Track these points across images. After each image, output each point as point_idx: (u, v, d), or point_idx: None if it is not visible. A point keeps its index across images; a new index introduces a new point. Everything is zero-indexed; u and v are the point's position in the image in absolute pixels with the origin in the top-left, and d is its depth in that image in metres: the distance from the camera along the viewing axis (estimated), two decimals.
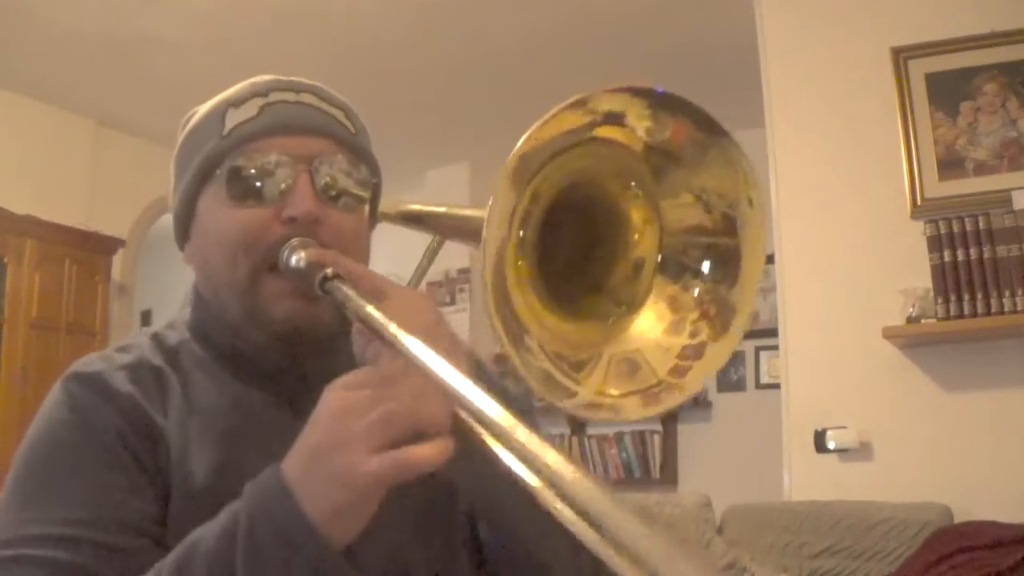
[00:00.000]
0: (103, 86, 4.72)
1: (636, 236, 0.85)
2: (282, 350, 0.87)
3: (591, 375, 0.78)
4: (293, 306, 0.83)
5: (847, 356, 2.89)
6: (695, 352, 0.80)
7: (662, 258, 0.84)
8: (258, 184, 0.84)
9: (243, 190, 0.85)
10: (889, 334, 2.71)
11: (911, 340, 2.73)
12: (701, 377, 0.79)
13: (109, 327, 4.97)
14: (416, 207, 1.08)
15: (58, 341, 4.60)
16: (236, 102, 0.88)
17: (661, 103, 0.77)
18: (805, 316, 2.99)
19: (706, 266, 0.83)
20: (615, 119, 0.76)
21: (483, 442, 0.59)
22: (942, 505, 2.50)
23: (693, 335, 0.81)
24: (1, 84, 4.65)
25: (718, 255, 0.82)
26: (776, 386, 3.27)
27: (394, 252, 2.00)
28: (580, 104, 0.72)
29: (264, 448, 0.79)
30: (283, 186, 0.84)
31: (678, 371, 0.79)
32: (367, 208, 0.92)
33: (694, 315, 0.82)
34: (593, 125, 0.75)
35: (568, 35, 4.18)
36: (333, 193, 0.86)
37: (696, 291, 0.83)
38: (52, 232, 4.70)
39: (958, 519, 2.47)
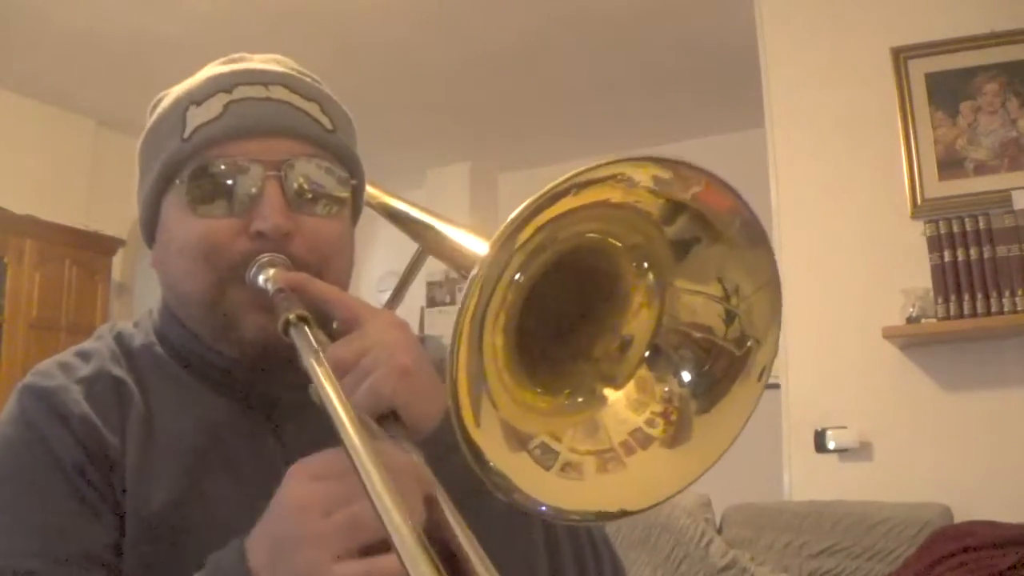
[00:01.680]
0: (103, 86, 4.72)
1: (629, 315, 0.72)
2: (254, 364, 0.81)
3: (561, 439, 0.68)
4: (261, 320, 0.76)
5: (847, 356, 2.89)
6: (643, 440, 0.69)
7: (655, 345, 0.71)
8: (223, 193, 0.77)
9: (206, 197, 0.78)
10: (889, 334, 2.71)
11: (911, 340, 2.73)
12: (637, 478, 0.68)
13: None
14: (401, 206, 0.96)
15: (58, 341, 4.59)
16: (198, 98, 0.80)
17: (667, 164, 0.61)
18: (805, 316, 2.99)
19: (687, 376, 0.70)
20: (619, 179, 0.62)
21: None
22: (942, 505, 2.50)
23: (649, 424, 0.70)
24: (1, 84, 4.65)
25: (709, 372, 0.69)
26: (776, 386, 3.27)
27: (400, 246, 1.99)
28: (612, 178, 0.59)
29: (229, 467, 0.76)
30: (251, 193, 0.77)
31: (626, 447, 0.69)
32: (349, 210, 0.85)
33: (657, 407, 0.70)
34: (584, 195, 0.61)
35: (568, 35, 4.18)
36: (310, 198, 0.79)
37: (666, 388, 0.70)
38: (52, 232, 4.70)
39: (958, 519, 2.47)
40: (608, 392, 0.72)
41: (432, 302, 6.05)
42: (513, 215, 0.57)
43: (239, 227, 0.77)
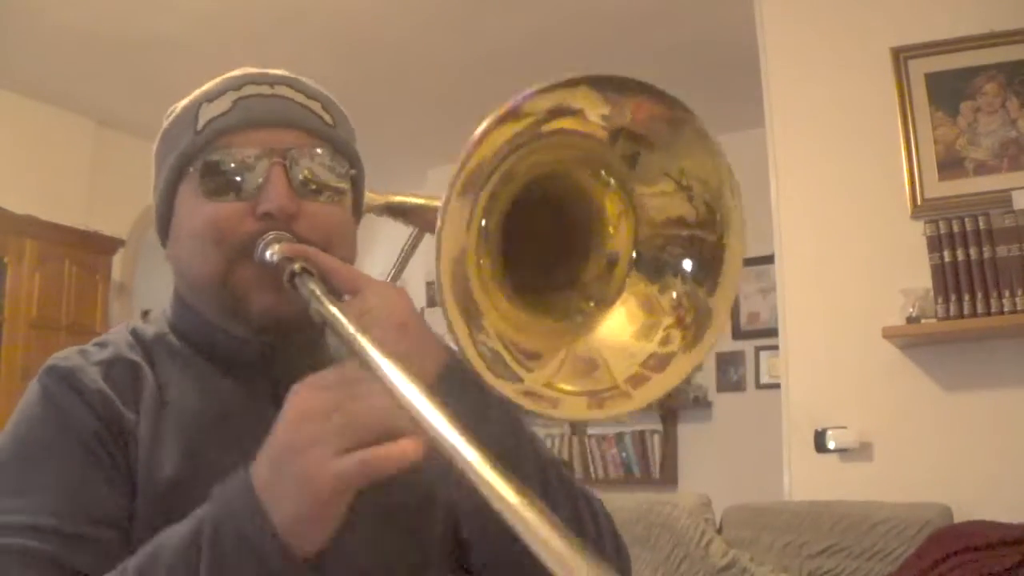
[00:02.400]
0: (103, 86, 4.72)
1: (611, 229, 0.78)
2: (261, 344, 0.87)
3: (544, 367, 0.74)
4: (269, 298, 0.82)
5: (847, 356, 2.89)
6: (659, 363, 0.74)
7: (639, 253, 0.77)
8: (232, 179, 0.83)
9: (217, 185, 0.84)
10: (889, 334, 2.71)
11: (911, 340, 2.73)
12: (657, 393, 0.73)
13: (109, 327, 4.96)
14: (398, 199, 1.05)
15: (58, 341, 4.59)
16: (210, 97, 0.87)
17: (608, 87, 0.70)
18: (805, 316, 2.99)
19: (688, 265, 0.75)
20: (564, 111, 0.70)
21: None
22: (942, 505, 2.50)
23: (664, 343, 0.75)
24: (1, 84, 4.65)
25: (701, 253, 0.75)
26: (776, 386, 3.27)
27: (401, 245, 1.99)
28: (511, 115, 0.66)
29: (236, 442, 0.79)
30: (258, 180, 0.83)
31: (635, 380, 0.73)
32: (349, 200, 0.91)
33: (669, 320, 0.75)
34: (539, 123, 0.69)
35: (568, 35, 4.18)
36: (313, 187, 0.85)
37: (674, 294, 0.76)
38: (52, 232, 4.70)
39: (958, 519, 2.47)
40: (606, 324, 0.77)
41: (432, 302, 6.05)
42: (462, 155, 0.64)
43: (247, 210, 0.83)
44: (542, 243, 0.80)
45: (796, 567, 2.55)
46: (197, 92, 0.89)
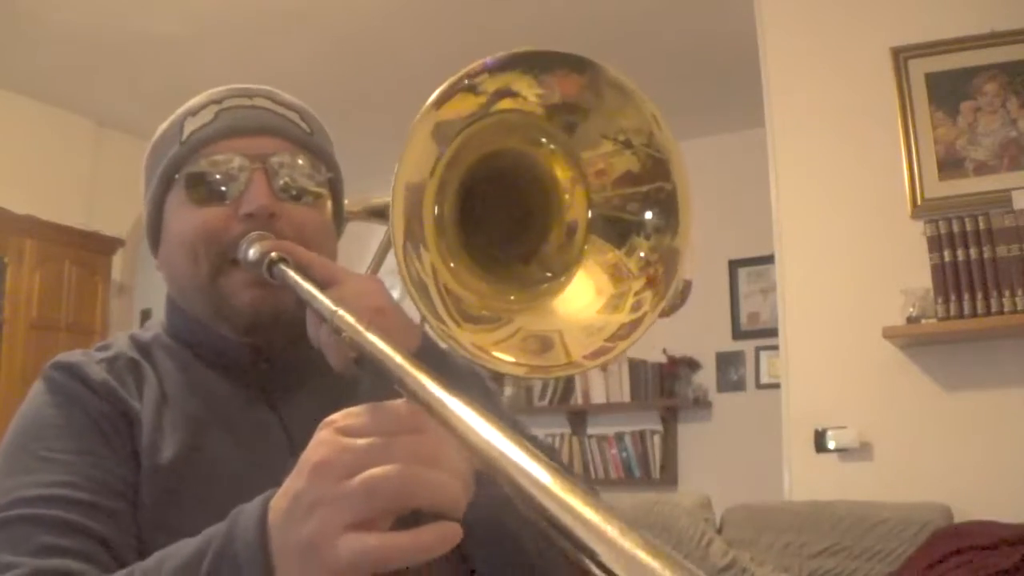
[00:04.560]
0: (103, 86, 4.72)
1: (567, 197, 0.81)
2: (249, 344, 0.90)
3: (483, 333, 0.74)
4: (254, 294, 0.86)
5: (847, 356, 2.89)
6: (628, 330, 0.75)
7: (593, 216, 0.79)
8: (216, 185, 0.88)
9: (202, 192, 0.88)
10: (889, 334, 2.71)
11: (911, 340, 2.73)
12: (617, 355, 0.76)
13: (109, 327, 4.97)
14: (376, 200, 1.08)
15: (58, 341, 4.59)
16: (194, 110, 0.92)
17: (532, 64, 0.75)
18: (805, 316, 2.99)
19: (648, 215, 0.77)
20: (507, 93, 0.75)
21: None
22: (942, 505, 2.50)
23: (635, 309, 0.75)
24: (1, 84, 4.65)
25: (658, 199, 0.77)
26: (776, 386, 3.27)
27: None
28: (470, 89, 0.74)
29: (229, 433, 0.84)
30: (240, 186, 0.87)
31: (597, 353, 0.74)
32: (329, 205, 0.95)
33: (638, 284, 0.77)
34: (490, 103, 0.75)
35: (568, 35, 4.17)
36: (293, 192, 0.89)
37: (641, 253, 0.77)
38: (52, 232, 4.70)
39: (958, 519, 2.47)
40: (569, 300, 0.78)
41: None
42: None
43: (230, 213, 0.87)
44: (500, 221, 0.83)
45: (796, 567, 2.55)
46: (182, 108, 0.94)
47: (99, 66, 4.48)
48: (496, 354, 0.73)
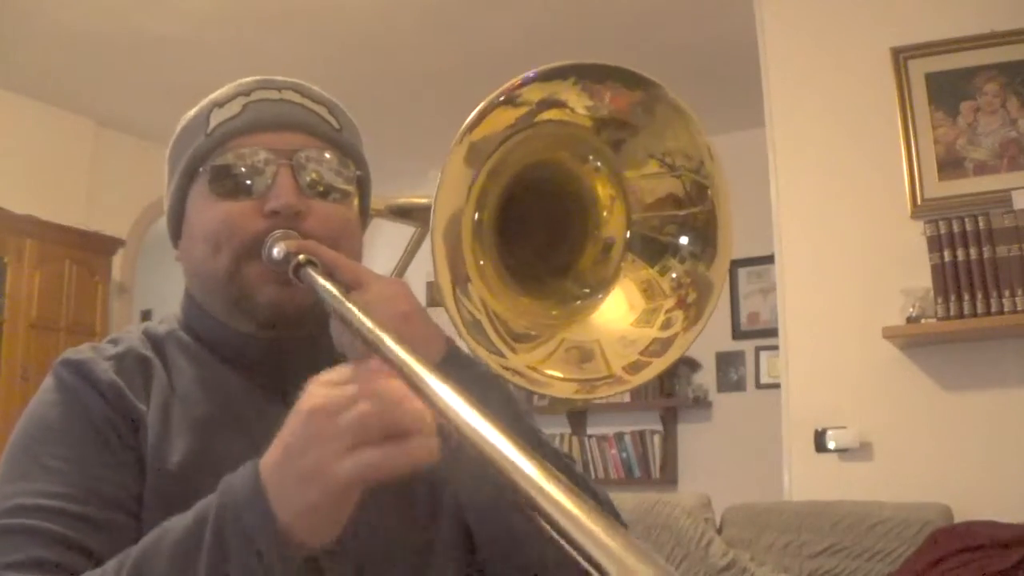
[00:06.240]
0: (103, 86, 4.72)
1: (605, 214, 0.81)
2: (267, 340, 0.88)
3: (532, 351, 0.75)
4: (275, 292, 0.85)
5: (847, 356, 2.89)
6: (661, 347, 0.76)
7: (632, 235, 0.79)
8: (241, 179, 0.86)
9: (227, 186, 0.86)
10: (889, 334, 2.71)
11: (911, 340, 2.73)
12: (655, 373, 0.77)
13: (109, 327, 4.96)
14: (401, 200, 1.08)
15: (58, 341, 4.59)
16: (221, 101, 0.90)
17: (583, 75, 0.74)
18: (805, 316, 2.99)
19: (685, 240, 0.78)
20: (553, 103, 0.74)
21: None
22: (942, 505, 2.50)
23: (665, 326, 0.77)
24: (1, 84, 4.65)
25: (695, 226, 0.77)
26: (776, 386, 3.27)
27: (402, 247, 2.00)
28: (509, 102, 0.72)
29: (242, 434, 0.82)
30: (266, 181, 0.85)
31: (634, 367, 0.76)
32: (356, 202, 0.93)
33: (670, 303, 0.78)
34: (532, 114, 0.74)
35: (568, 35, 4.18)
36: (321, 189, 0.87)
37: (674, 275, 0.78)
38: (52, 232, 4.70)
39: (958, 519, 2.47)
40: (604, 313, 0.78)
41: (433, 302, 6.05)
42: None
43: (255, 208, 0.85)
44: (538, 230, 0.82)
45: (796, 567, 2.55)
46: (208, 98, 0.92)
47: (99, 66, 4.48)
48: (547, 371, 0.74)
